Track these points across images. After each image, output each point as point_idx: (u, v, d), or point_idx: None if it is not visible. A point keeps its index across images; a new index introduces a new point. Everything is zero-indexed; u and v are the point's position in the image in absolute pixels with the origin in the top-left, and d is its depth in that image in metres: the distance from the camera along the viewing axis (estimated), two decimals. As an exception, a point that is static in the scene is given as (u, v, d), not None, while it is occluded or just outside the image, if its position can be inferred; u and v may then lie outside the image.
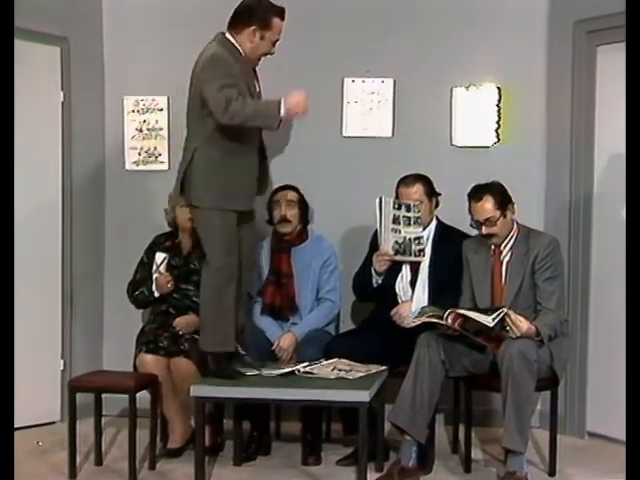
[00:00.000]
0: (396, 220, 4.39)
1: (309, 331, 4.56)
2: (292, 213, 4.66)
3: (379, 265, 4.45)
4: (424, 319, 4.03)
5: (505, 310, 3.99)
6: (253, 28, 4.00)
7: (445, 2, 5.04)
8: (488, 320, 3.93)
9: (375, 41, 5.05)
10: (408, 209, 4.40)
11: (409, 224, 4.40)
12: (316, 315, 4.64)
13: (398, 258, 4.43)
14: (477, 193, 4.21)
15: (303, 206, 4.72)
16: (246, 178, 4.11)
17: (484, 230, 4.20)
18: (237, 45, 4.04)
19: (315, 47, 5.10)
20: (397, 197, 4.52)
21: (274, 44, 4.08)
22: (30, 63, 4.82)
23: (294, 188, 4.74)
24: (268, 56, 4.16)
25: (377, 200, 4.39)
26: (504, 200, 4.20)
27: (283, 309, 4.64)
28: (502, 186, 4.24)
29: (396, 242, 4.41)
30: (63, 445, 4.32)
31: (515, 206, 4.25)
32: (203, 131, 4.04)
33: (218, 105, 3.89)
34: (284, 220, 4.65)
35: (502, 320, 3.99)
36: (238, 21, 4.04)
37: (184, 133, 5.10)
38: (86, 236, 5.17)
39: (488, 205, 4.18)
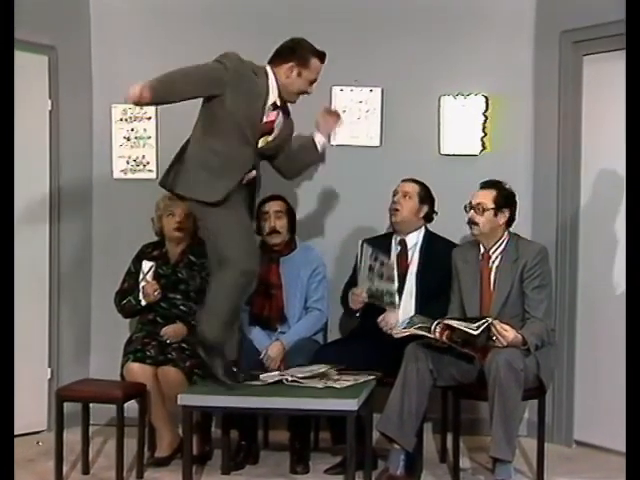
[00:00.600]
0: (371, 270, 4.41)
1: (297, 340, 4.57)
2: (281, 224, 4.66)
3: (354, 304, 4.48)
4: (412, 331, 4.03)
5: (490, 320, 4.00)
6: (291, 64, 4.07)
7: (433, 12, 5.06)
8: (472, 328, 3.94)
9: (363, 50, 5.07)
10: (382, 264, 4.39)
11: (381, 278, 4.40)
12: (304, 324, 4.64)
13: (371, 301, 4.44)
14: (486, 183, 4.29)
15: (291, 216, 4.73)
16: (214, 176, 4.02)
17: (471, 214, 4.23)
18: (271, 76, 4.08)
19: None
20: (394, 195, 4.52)
21: (311, 84, 4.12)
22: (18, 72, 4.79)
23: (281, 198, 4.74)
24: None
25: (360, 242, 4.43)
26: (504, 202, 4.24)
27: (271, 319, 4.64)
28: (512, 194, 4.28)
29: (369, 289, 4.43)
30: (50, 454, 4.30)
31: (509, 218, 4.26)
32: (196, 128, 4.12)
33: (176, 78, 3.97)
34: (274, 232, 4.65)
35: (488, 330, 4.00)
36: (278, 57, 4.11)
37: (172, 142, 5.15)
38: (73, 244, 5.16)
39: (487, 194, 4.23)
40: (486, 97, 5.02)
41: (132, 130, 5.20)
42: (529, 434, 4.76)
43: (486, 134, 5.03)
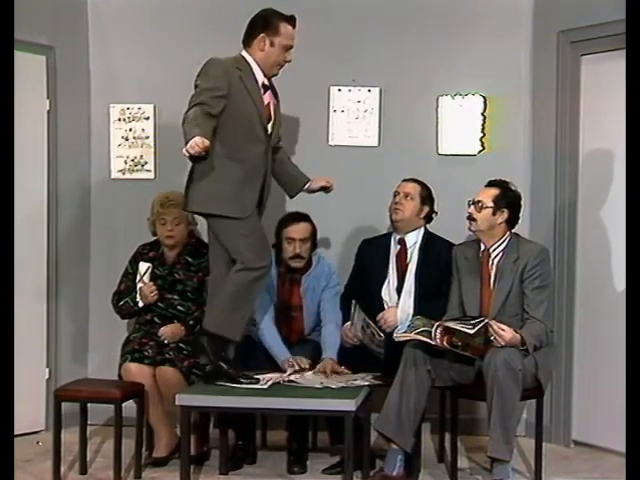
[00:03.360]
0: (363, 330, 4.37)
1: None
2: (306, 248, 4.54)
3: (346, 342, 4.46)
4: (413, 336, 4.02)
5: (486, 319, 4.00)
6: (262, 36, 4.04)
7: (431, 12, 5.06)
8: (469, 327, 3.94)
9: (361, 50, 5.07)
10: (373, 334, 4.35)
11: (372, 342, 4.37)
12: (335, 337, 4.49)
13: (365, 343, 4.42)
14: (492, 182, 4.29)
15: (315, 236, 4.60)
16: (239, 185, 4.03)
17: (470, 209, 4.24)
18: (248, 58, 4.06)
19: (302, 56, 5.06)
20: (395, 195, 4.54)
21: (287, 50, 4.08)
22: (16, 72, 4.79)
23: (306, 218, 4.59)
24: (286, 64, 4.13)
25: (353, 302, 4.42)
26: (506, 202, 4.24)
27: (291, 339, 4.54)
28: (517, 195, 4.28)
29: (361, 340, 4.41)
30: (48, 454, 4.31)
31: (506, 214, 4.24)
32: None
33: (195, 97, 3.95)
34: (298, 257, 4.53)
35: (486, 331, 4.00)
36: (248, 35, 4.09)
37: (170, 141, 5.15)
38: (72, 244, 5.16)
39: (489, 193, 4.24)
40: (484, 97, 5.02)
41: (130, 130, 5.19)
42: (527, 434, 4.77)
43: (484, 134, 5.03)
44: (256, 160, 4.06)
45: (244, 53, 4.10)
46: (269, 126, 4.11)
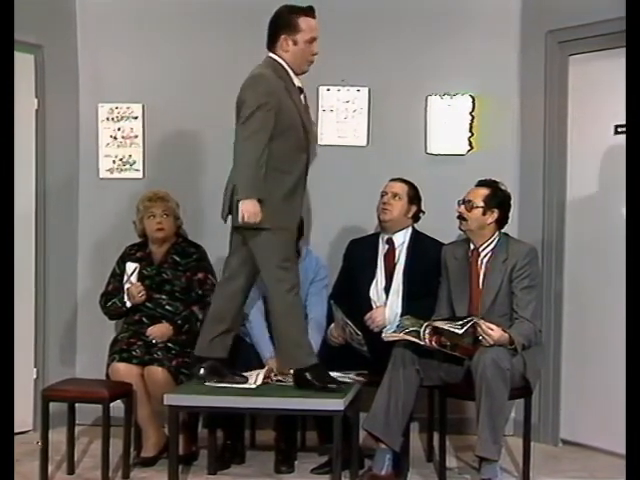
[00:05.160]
0: (343, 330, 4.37)
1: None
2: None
3: (331, 342, 4.47)
4: (402, 336, 4.03)
5: (475, 319, 4.01)
6: (283, 37, 3.92)
7: (420, 12, 5.07)
8: (457, 327, 3.94)
9: (350, 50, 5.07)
10: (351, 333, 4.33)
11: (352, 340, 4.36)
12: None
13: (349, 342, 4.41)
14: (482, 182, 4.30)
15: (301, 226, 4.54)
16: (288, 196, 3.94)
17: (460, 209, 4.25)
18: (280, 61, 3.95)
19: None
20: (382, 195, 4.53)
21: (311, 42, 3.95)
22: (4, 70, 4.79)
23: None
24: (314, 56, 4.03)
25: (331, 302, 4.42)
26: (496, 202, 4.25)
27: None
28: (507, 195, 4.29)
29: (345, 339, 4.41)
30: (35, 454, 4.28)
31: (496, 214, 4.26)
32: None
33: (247, 124, 3.82)
34: None
35: (474, 331, 4.00)
36: (270, 37, 3.97)
37: (159, 141, 5.16)
38: (59, 244, 5.14)
39: (479, 192, 4.25)
40: (473, 97, 5.03)
41: (119, 129, 5.18)
42: (515, 433, 4.77)
43: (473, 134, 5.04)
44: (301, 170, 3.99)
45: (274, 56, 3.96)
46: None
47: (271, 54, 3.99)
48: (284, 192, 3.93)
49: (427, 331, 3.98)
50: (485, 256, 4.28)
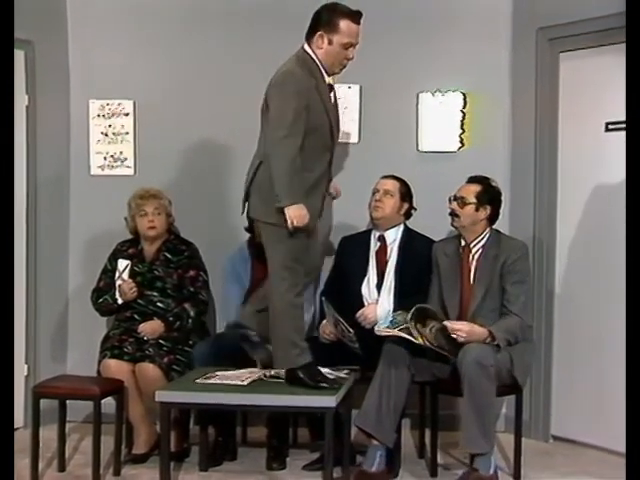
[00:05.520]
0: (335, 326, 4.37)
1: None
2: None
3: (323, 339, 4.50)
4: (395, 332, 4.04)
5: (437, 325, 4.04)
6: (320, 33, 3.84)
7: (411, 9, 5.06)
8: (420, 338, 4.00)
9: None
10: (343, 330, 4.33)
11: (343, 337, 4.36)
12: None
13: (340, 338, 4.41)
14: (473, 178, 4.32)
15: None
16: (307, 195, 3.89)
17: (452, 205, 4.26)
18: (313, 56, 3.88)
19: (282, 53, 5.07)
20: (374, 193, 4.54)
21: (346, 48, 3.88)
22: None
23: None
24: (348, 62, 3.97)
25: (322, 298, 4.44)
26: (488, 198, 4.27)
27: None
28: (498, 192, 4.32)
29: (336, 335, 4.42)
30: (26, 452, 4.27)
31: (488, 210, 4.29)
32: (269, 147, 3.88)
33: (278, 127, 3.78)
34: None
35: (445, 332, 4.05)
36: (309, 30, 3.89)
37: (150, 137, 5.15)
38: (51, 241, 5.12)
39: (471, 189, 4.26)
40: (464, 94, 5.03)
41: (110, 126, 5.17)
42: (507, 429, 4.78)
43: (464, 131, 5.05)
44: (324, 168, 3.97)
45: (308, 50, 3.89)
46: (334, 131, 4.00)
47: (306, 46, 3.90)
48: (304, 190, 3.88)
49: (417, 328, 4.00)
50: (476, 252, 4.29)
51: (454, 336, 4.04)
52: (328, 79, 3.95)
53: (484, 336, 4.06)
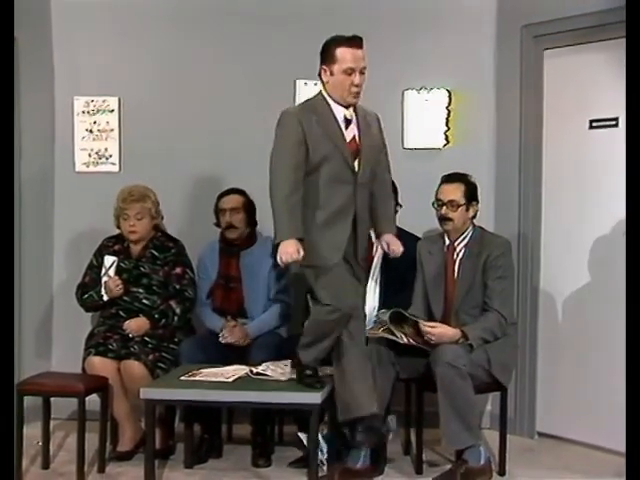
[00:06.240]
0: None
1: (261, 331, 4.57)
2: (238, 218, 4.65)
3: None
4: (380, 333, 4.06)
5: (417, 320, 4.09)
6: (323, 67, 3.88)
7: (396, 7, 5.07)
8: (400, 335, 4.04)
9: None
10: None
11: None
12: (267, 316, 4.65)
13: None
14: (452, 177, 4.29)
15: (249, 209, 4.70)
16: (324, 231, 3.85)
17: (443, 210, 4.25)
18: (324, 94, 3.90)
19: (268, 49, 5.10)
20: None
21: (349, 74, 3.85)
22: (-23, 63, 4.74)
23: (239, 191, 4.72)
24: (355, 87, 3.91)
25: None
26: (472, 195, 4.28)
27: (232, 313, 4.65)
28: (475, 185, 4.32)
29: None
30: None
31: (478, 210, 4.32)
32: None
33: (271, 166, 3.86)
34: (230, 227, 4.65)
35: (418, 331, 4.08)
36: (319, 69, 3.93)
37: (135, 134, 5.13)
38: (35, 237, 5.10)
39: (457, 189, 4.25)
40: (449, 91, 5.04)
41: (94, 123, 5.15)
42: (492, 426, 4.79)
43: (449, 128, 5.05)
44: (340, 203, 3.87)
45: (320, 88, 3.94)
46: (356, 163, 3.92)
47: (321, 89, 3.95)
48: (318, 227, 3.84)
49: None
50: (460, 250, 4.30)
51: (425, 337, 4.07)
52: (344, 113, 3.92)
53: (457, 337, 4.07)
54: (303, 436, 4.12)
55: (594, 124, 4.62)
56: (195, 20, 5.11)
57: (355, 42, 3.87)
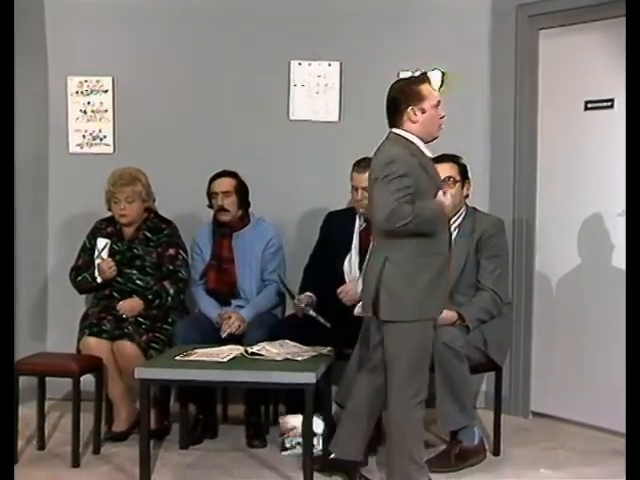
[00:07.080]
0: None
1: (256, 313, 4.57)
2: (230, 201, 4.63)
3: (297, 313, 4.50)
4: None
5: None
6: (409, 109, 3.74)
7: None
8: None
9: (322, 24, 5.04)
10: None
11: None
12: (262, 297, 4.65)
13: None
14: (444, 157, 4.25)
15: (241, 191, 4.68)
16: (440, 280, 3.71)
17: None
18: (407, 135, 3.76)
19: (262, 29, 5.08)
20: (355, 188, 4.52)
21: (437, 107, 3.76)
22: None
23: (231, 174, 4.69)
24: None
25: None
26: (465, 174, 4.29)
27: (225, 294, 4.65)
28: (466, 165, 4.33)
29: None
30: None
31: (469, 185, 4.31)
32: (392, 237, 3.66)
33: (382, 211, 3.59)
34: (222, 210, 4.64)
35: None
36: (393, 113, 3.79)
37: (129, 115, 5.11)
38: (29, 219, 5.08)
39: (452, 168, 4.25)
40: (443, 73, 5.02)
41: (88, 103, 5.13)
42: (486, 406, 4.80)
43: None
44: (447, 249, 3.78)
45: (400, 132, 3.75)
46: None
47: (396, 130, 3.79)
48: (430, 276, 3.67)
49: None
50: (454, 230, 4.29)
51: None
52: (428, 152, 3.82)
53: (453, 319, 4.07)
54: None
55: (589, 105, 4.61)
56: (189, 1, 5.09)
57: (428, 78, 3.89)
